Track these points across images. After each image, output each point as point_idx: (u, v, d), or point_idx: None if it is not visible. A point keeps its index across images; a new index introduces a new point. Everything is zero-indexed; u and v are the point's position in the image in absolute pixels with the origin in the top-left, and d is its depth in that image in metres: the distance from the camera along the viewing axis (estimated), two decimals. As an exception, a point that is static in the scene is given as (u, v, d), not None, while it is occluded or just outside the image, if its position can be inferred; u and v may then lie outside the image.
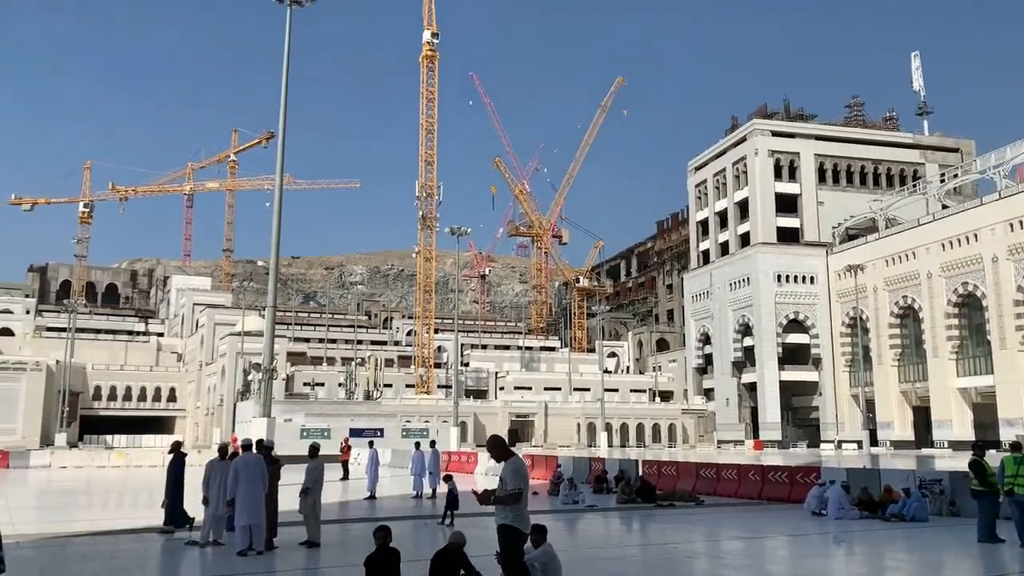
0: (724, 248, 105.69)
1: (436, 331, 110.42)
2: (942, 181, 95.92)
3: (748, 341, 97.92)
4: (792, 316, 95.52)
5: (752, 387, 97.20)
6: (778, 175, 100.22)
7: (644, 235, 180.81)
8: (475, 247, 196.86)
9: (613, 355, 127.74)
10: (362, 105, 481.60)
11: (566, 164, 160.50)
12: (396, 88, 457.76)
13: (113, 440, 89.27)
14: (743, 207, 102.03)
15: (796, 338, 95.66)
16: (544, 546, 9.92)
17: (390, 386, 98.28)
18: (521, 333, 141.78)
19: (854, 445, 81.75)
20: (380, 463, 29.62)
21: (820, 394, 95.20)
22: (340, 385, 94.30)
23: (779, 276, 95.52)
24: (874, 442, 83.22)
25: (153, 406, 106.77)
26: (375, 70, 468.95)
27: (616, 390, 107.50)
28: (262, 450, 15.47)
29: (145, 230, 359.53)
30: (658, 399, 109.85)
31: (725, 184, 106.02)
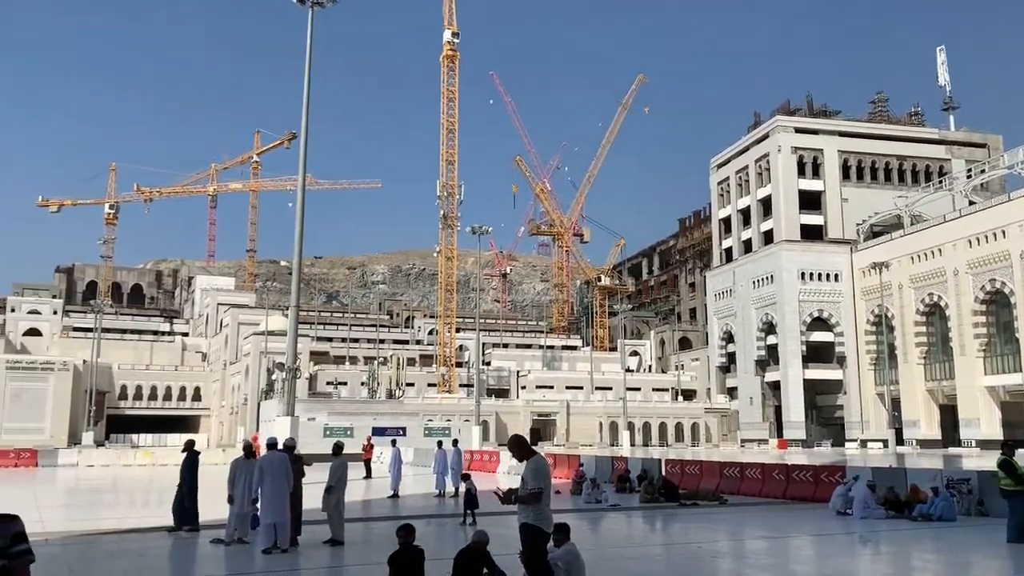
0: (747, 246, 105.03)
1: (457, 330, 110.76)
2: (968, 177, 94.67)
3: (771, 339, 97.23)
4: (816, 314, 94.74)
5: (776, 386, 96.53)
6: (801, 172, 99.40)
7: (666, 233, 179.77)
8: (496, 246, 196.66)
9: (635, 354, 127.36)
10: (383, 105, 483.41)
11: (587, 162, 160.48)
12: (417, 88, 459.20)
13: (139, 439, 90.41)
14: (766, 204, 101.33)
15: (820, 336, 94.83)
16: (567, 545, 9.90)
17: (412, 385, 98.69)
18: (542, 332, 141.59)
19: (879, 444, 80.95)
20: (403, 462, 29.73)
21: (844, 392, 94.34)
22: (362, 384, 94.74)
23: (803, 274, 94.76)
24: (900, 441, 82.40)
25: (178, 405, 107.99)
26: (396, 70, 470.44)
27: (638, 389, 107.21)
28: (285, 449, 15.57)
29: (169, 231, 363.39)
30: (681, 398, 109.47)
31: (748, 181, 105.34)
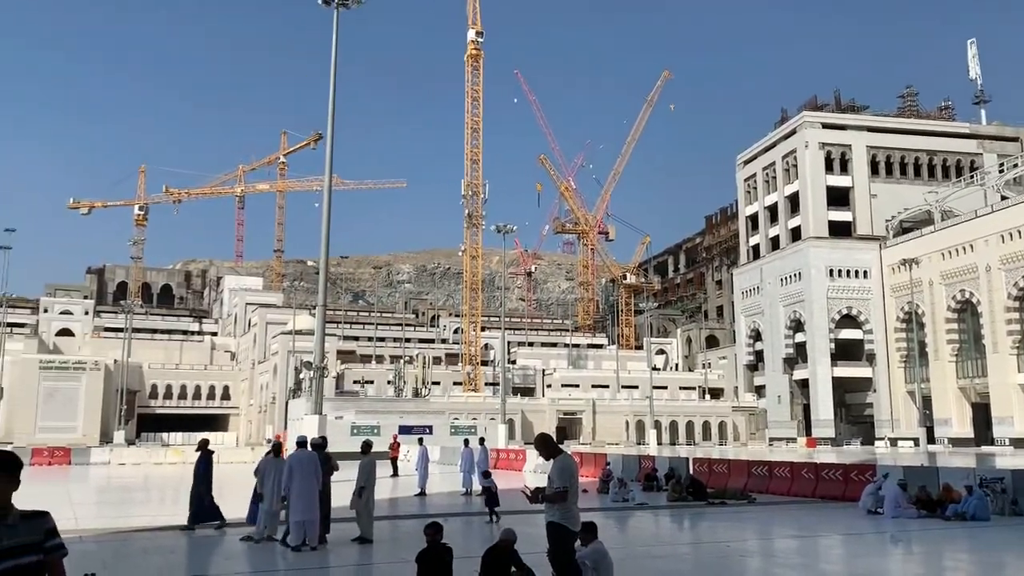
0: (774, 243, 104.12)
1: (483, 329, 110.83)
2: (1000, 171, 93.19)
3: (800, 337, 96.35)
4: (845, 311, 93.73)
5: (804, 384, 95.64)
6: (829, 168, 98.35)
7: (692, 230, 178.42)
8: (521, 245, 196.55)
9: (662, 352, 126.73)
10: (407, 105, 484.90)
11: (612, 160, 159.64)
12: (441, 87, 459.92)
13: (169, 437, 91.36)
14: (793, 201, 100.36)
15: (849, 334, 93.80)
16: (595, 544, 9.89)
17: (438, 383, 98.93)
18: (568, 330, 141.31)
19: (910, 442, 79.99)
20: (430, 460, 29.86)
21: (874, 390, 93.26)
22: (389, 383, 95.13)
23: (831, 271, 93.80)
24: (931, 439, 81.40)
25: (207, 404, 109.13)
26: (420, 70, 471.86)
27: (665, 387, 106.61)
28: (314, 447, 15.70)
29: (198, 231, 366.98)
30: (708, 396, 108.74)
31: (775, 178, 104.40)
